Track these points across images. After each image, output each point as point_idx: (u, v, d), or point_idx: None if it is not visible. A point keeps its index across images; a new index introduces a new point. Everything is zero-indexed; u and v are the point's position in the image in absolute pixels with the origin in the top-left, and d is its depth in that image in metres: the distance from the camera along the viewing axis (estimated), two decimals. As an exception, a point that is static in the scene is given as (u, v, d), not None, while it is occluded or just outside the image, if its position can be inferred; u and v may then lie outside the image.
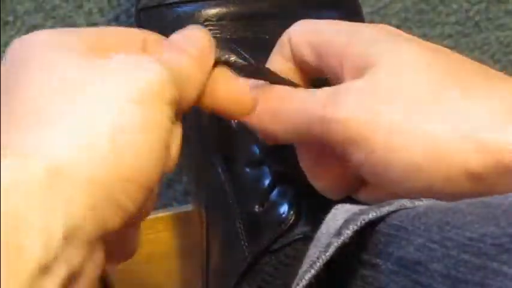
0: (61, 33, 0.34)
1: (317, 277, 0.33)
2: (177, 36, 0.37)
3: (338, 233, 0.33)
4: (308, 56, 0.43)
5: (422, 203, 0.34)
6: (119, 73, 0.32)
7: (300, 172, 0.45)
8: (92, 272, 0.30)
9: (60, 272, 0.28)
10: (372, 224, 0.34)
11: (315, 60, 0.42)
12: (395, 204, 0.34)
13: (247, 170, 0.49)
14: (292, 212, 0.47)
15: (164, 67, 0.32)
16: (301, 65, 0.44)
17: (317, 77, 0.44)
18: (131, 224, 0.33)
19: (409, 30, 0.69)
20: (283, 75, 0.42)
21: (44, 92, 0.31)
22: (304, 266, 0.33)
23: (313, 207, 0.48)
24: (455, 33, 0.70)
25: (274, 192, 0.48)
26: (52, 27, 0.68)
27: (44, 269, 0.27)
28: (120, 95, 0.31)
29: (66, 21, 0.68)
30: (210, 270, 0.53)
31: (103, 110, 0.30)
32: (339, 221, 0.34)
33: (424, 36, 0.69)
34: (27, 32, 0.67)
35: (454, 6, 0.70)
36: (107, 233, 0.31)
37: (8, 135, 0.29)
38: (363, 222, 0.33)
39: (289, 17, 0.55)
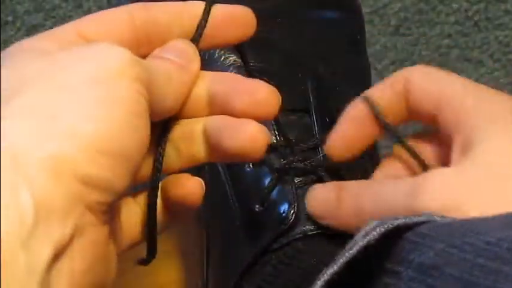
0: (40, 39, 0.36)
1: (340, 278, 0.33)
2: (157, 49, 0.38)
3: (365, 234, 0.33)
4: (426, 103, 0.42)
5: (452, 219, 0.34)
6: (81, 60, 0.33)
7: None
8: (83, 249, 0.31)
9: (41, 251, 0.29)
10: (400, 233, 0.34)
11: (432, 110, 0.42)
12: (426, 216, 0.34)
13: (248, 169, 0.49)
14: (292, 212, 0.47)
15: (125, 50, 0.33)
16: (412, 107, 0.43)
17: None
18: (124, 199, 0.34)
19: (408, 30, 0.69)
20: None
21: (5, 87, 0.32)
22: (329, 265, 0.34)
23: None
24: (455, 33, 0.70)
25: (275, 192, 0.48)
26: (52, 27, 0.67)
27: (23, 247, 0.28)
28: (79, 78, 0.32)
29: (66, 21, 0.68)
30: (210, 270, 0.53)
31: (61, 95, 0.31)
32: (370, 226, 0.34)
33: (424, 36, 0.69)
34: (27, 31, 0.67)
35: (454, 5, 0.70)
36: (95, 207, 0.31)
37: None
38: (390, 226, 0.33)
39: (289, 17, 0.55)
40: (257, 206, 0.49)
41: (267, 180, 0.49)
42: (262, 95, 0.38)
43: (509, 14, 0.71)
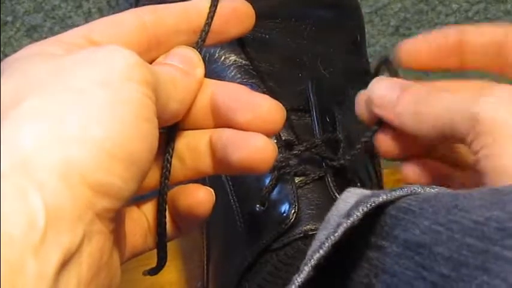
0: (46, 44, 0.35)
1: (326, 258, 0.33)
2: (161, 56, 0.38)
3: (348, 214, 0.33)
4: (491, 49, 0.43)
5: (434, 190, 0.34)
6: (87, 63, 0.32)
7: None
8: (91, 256, 0.31)
9: (50, 257, 0.28)
10: (381, 207, 0.34)
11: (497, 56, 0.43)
12: (407, 190, 0.34)
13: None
14: (292, 211, 0.47)
15: (132, 53, 0.33)
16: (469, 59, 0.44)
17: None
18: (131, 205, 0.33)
19: (408, 30, 0.69)
20: None
21: (13, 91, 0.31)
22: (313, 246, 0.33)
23: (314, 206, 0.48)
24: (455, 34, 0.70)
25: (275, 192, 0.48)
26: (51, 27, 0.68)
27: (34, 253, 0.27)
28: (86, 82, 0.31)
29: (66, 21, 0.68)
30: (211, 270, 0.53)
31: (68, 98, 0.31)
32: (350, 203, 0.34)
33: (424, 36, 0.69)
34: (27, 32, 0.68)
35: (454, 6, 0.70)
36: (103, 213, 0.31)
37: None
38: (373, 204, 0.33)
39: (289, 17, 0.55)
40: (257, 205, 0.49)
41: (267, 180, 0.49)
42: (265, 111, 0.38)
43: (509, 14, 0.71)
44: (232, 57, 0.53)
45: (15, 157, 0.29)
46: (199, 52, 0.38)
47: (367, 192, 0.35)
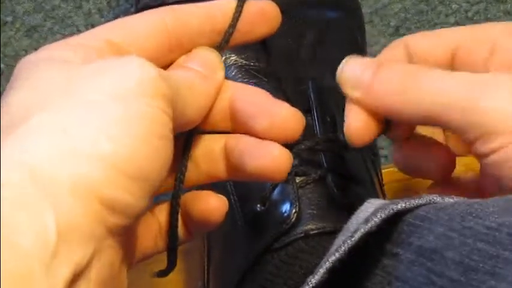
0: (63, 48, 0.34)
1: (341, 262, 0.32)
2: (183, 57, 0.37)
3: (366, 220, 0.33)
4: (440, 59, 0.41)
5: (452, 200, 0.34)
6: (103, 75, 0.31)
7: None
8: (100, 271, 0.30)
9: (61, 272, 0.28)
10: (400, 215, 0.33)
11: (447, 64, 0.41)
12: (425, 198, 0.34)
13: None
14: (293, 211, 0.47)
15: (150, 66, 0.32)
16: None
17: None
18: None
19: (408, 30, 0.69)
20: None
21: (26, 103, 0.31)
22: (330, 250, 0.33)
23: (315, 206, 0.48)
24: (455, 34, 0.70)
25: (276, 191, 0.48)
26: (51, 27, 0.68)
27: (44, 269, 0.27)
28: (101, 96, 0.31)
29: (66, 22, 0.68)
30: (211, 270, 0.53)
31: (82, 113, 0.30)
32: (369, 212, 0.34)
33: (424, 37, 0.69)
34: (27, 32, 0.68)
35: (453, 6, 0.70)
36: (114, 229, 0.30)
37: None
38: (391, 211, 0.33)
39: (289, 17, 0.55)
40: (258, 205, 0.49)
41: (267, 180, 0.49)
42: (283, 119, 0.37)
43: (509, 14, 0.71)
44: (233, 57, 0.53)
45: (25, 170, 0.28)
46: (220, 54, 0.37)
47: (386, 201, 0.34)
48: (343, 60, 0.41)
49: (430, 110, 0.37)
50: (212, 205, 0.38)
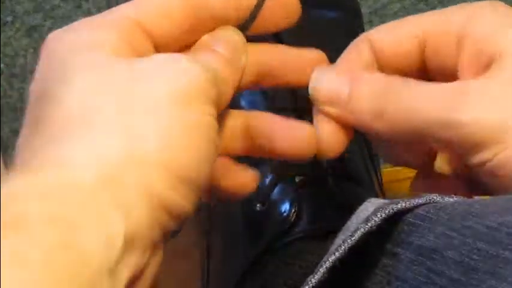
0: (96, 30, 0.33)
1: (341, 261, 0.33)
2: (207, 37, 0.36)
3: (366, 220, 0.33)
4: (408, 52, 0.39)
5: (452, 199, 0.34)
6: (159, 75, 0.31)
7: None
8: (152, 272, 0.31)
9: (124, 275, 0.28)
10: (399, 215, 0.33)
11: (417, 56, 0.39)
12: (425, 198, 0.34)
13: (248, 168, 0.49)
14: (293, 211, 0.47)
15: (203, 68, 0.32)
16: (387, 67, 0.40)
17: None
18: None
19: (408, 30, 0.69)
20: None
21: (89, 103, 0.30)
22: (330, 249, 0.33)
23: (314, 206, 0.48)
24: (454, 34, 0.70)
25: (275, 191, 0.48)
26: (51, 27, 0.68)
27: (109, 273, 0.27)
28: (163, 100, 0.31)
29: (65, 21, 0.68)
30: (211, 270, 0.53)
31: (147, 117, 0.30)
32: (369, 211, 0.34)
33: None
34: (27, 32, 0.67)
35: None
36: (167, 233, 0.31)
37: (56, 146, 0.29)
38: (391, 211, 0.33)
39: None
40: (258, 205, 0.49)
41: (267, 180, 0.49)
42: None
43: (509, 14, 0.71)
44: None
45: (97, 173, 0.28)
46: (246, 32, 0.37)
47: (386, 201, 0.34)
48: (313, 74, 0.39)
49: (411, 129, 0.37)
50: (246, 180, 0.39)
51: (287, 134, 0.38)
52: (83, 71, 0.31)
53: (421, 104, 0.36)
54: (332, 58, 0.55)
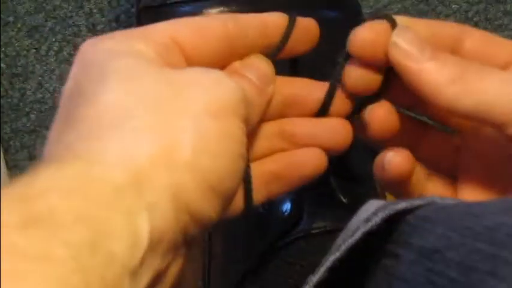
0: (133, 40, 0.34)
1: (342, 261, 0.33)
2: (238, 63, 0.37)
3: (367, 220, 0.33)
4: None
5: (452, 201, 0.34)
6: (196, 84, 0.32)
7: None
8: (173, 274, 0.31)
9: (145, 277, 0.28)
10: (400, 216, 0.34)
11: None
12: (426, 199, 0.34)
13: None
14: (294, 211, 0.47)
15: (237, 84, 0.33)
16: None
17: None
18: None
19: (408, 30, 0.69)
20: None
21: (125, 104, 0.31)
22: (331, 250, 0.34)
23: (316, 206, 0.48)
24: (455, 34, 0.70)
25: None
26: (52, 27, 0.68)
27: (131, 275, 0.27)
28: (199, 108, 0.31)
29: (67, 22, 0.68)
30: (212, 270, 0.53)
31: (183, 123, 0.31)
32: (370, 211, 0.34)
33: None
34: (28, 32, 0.68)
35: (454, 6, 0.70)
36: (189, 239, 0.31)
37: (88, 143, 0.29)
38: (392, 211, 0.33)
39: (290, 17, 0.55)
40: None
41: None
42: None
43: (509, 15, 0.71)
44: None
45: (127, 171, 0.28)
46: (273, 60, 0.38)
47: (387, 202, 0.35)
48: (397, 30, 0.38)
49: (478, 104, 0.36)
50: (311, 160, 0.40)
51: (323, 133, 0.39)
52: (119, 74, 0.32)
53: (495, 86, 0.36)
54: (333, 58, 0.55)
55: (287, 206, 0.48)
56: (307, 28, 0.40)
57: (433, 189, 0.41)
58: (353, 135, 0.40)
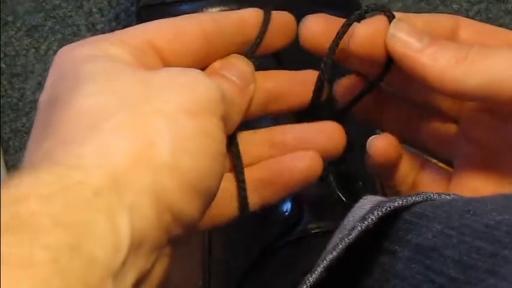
0: (108, 45, 0.34)
1: (339, 260, 0.33)
2: (217, 63, 0.37)
3: (363, 218, 0.33)
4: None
5: (449, 197, 0.34)
6: (172, 83, 0.32)
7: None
8: (159, 274, 0.31)
9: (129, 278, 0.28)
10: (396, 212, 0.34)
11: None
12: (422, 196, 0.34)
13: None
14: (294, 210, 0.47)
15: (214, 83, 0.33)
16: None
17: None
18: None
19: (409, 30, 0.69)
20: None
21: (101, 105, 0.31)
22: (327, 248, 0.33)
23: (316, 205, 0.48)
24: (455, 33, 0.70)
25: (277, 191, 0.48)
26: (52, 27, 0.68)
27: (114, 276, 0.27)
28: (175, 107, 0.31)
29: (66, 21, 0.68)
30: (212, 270, 0.53)
31: (159, 122, 0.30)
32: (366, 209, 0.34)
33: (424, 36, 0.69)
34: (28, 31, 0.67)
35: (455, 6, 0.70)
36: (173, 240, 0.31)
37: (65, 146, 0.29)
38: (388, 209, 0.33)
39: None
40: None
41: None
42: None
43: (510, 14, 0.71)
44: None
45: (105, 173, 0.28)
46: (251, 57, 0.38)
47: (383, 198, 0.34)
48: (394, 22, 0.39)
49: (484, 81, 0.36)
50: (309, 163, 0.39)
51: (316, 139, 0.39)
52: (95, 76, 0.31)
53: (500, 62, 0.36)
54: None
55: (287, 206, 0.48)
56: (283, 22, 0.39)
57: (428, 179, 0.41)
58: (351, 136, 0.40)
